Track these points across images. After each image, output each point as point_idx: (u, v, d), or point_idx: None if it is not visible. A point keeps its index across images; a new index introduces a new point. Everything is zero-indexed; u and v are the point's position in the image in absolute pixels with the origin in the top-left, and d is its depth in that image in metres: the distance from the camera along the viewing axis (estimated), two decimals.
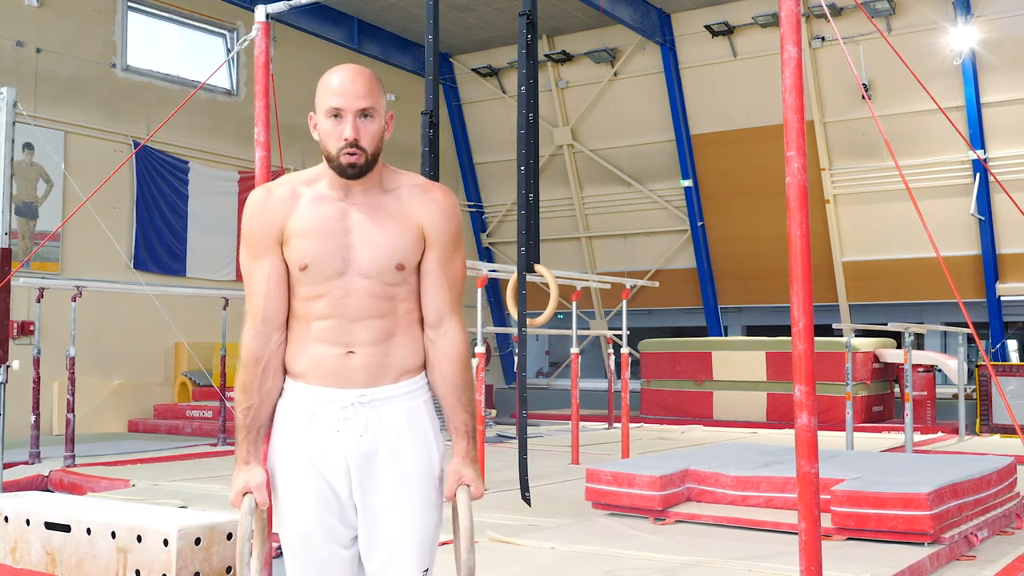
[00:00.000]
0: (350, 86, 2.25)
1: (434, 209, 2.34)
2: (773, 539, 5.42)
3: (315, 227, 2.25)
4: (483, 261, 15.83)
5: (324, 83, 2.29)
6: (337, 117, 2.25)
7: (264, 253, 2.26)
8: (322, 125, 2.27)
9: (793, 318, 2.94)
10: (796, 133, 2.96)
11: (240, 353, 2.27)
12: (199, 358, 12.53)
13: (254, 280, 2.28)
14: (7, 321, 6.36)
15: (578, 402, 9.56)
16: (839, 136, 15.99)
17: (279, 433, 2.32)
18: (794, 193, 2.95)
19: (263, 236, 2.27)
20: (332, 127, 2.25)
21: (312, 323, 2.25)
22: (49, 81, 12.90)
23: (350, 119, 2.24)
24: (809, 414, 2.89)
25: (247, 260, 2.29)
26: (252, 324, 2.27)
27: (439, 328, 2.35)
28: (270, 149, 4.38)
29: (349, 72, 2.27)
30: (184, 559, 4.37)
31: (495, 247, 19.95)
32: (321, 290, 2.24)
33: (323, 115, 2.26)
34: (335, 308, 2.24)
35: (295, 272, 2.25)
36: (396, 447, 2.26)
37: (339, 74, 2.28)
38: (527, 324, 6.26)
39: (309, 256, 2.23)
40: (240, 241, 2.32)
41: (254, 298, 2.28)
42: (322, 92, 2.28)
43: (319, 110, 2.28)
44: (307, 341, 2.25)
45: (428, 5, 4.37)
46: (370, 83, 2.26)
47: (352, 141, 2.23)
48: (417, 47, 18.08)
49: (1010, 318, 15.69)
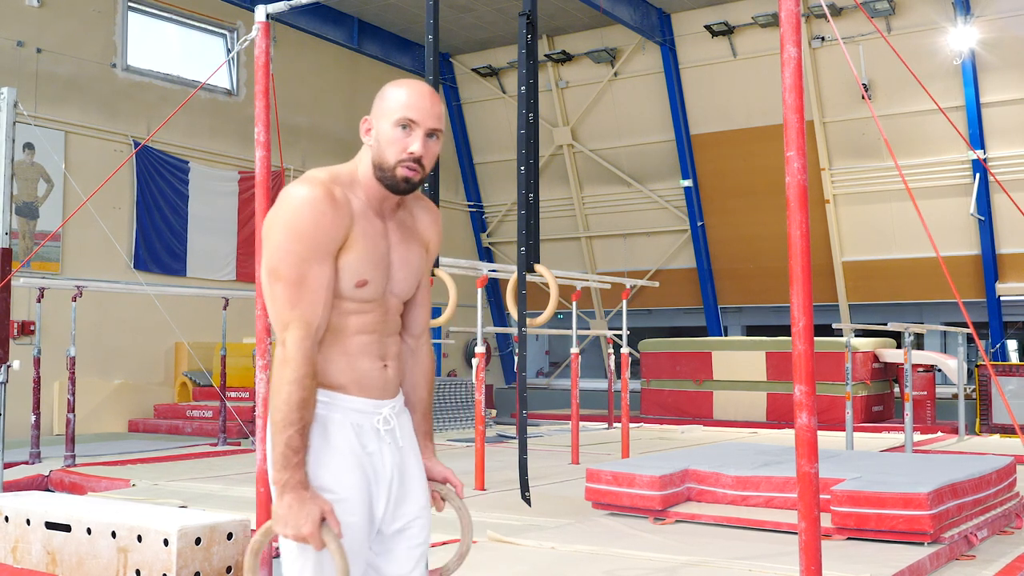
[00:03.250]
0: (428, 104, 2.21)
1: (436, 229, 2.41)
2: (773, 539, 5.42)
3: (372, 243, 2.20)
4: (483, 261, 15.84)
5: (395, 93, 2.22)
6: (406, 129, 2.20)
7: (326, 259, 2.12)
8: (386, 133, 2.20)
9: (793, 318, 2.94)
10: (796, 133, 2.96)
11: (291, 366, 2.07)
12: (199, 358, 12.54)
13: (312, 285, 2.10)
14: (7, 321, 6.36)
15: (578, 402, 9.56)
16: (839, 136, 16.00)
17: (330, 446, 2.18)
18: (794, 193, 2.95)
19: (329, 240, 2.12)
20: (399, 137, 2.19)
21: (352, 336, 2.20)
22: (49, 81, 12.90)
23: (420, 134, 2.20)
24: (809, 414, 2.89)
25: (303, 262, 2.09)
26: (307, 332, 2.10)
27: (420, 338, 2.41)
28: (270, 149, 4.38)
29: (425, 89, 2.23)
30: (184, 559, 4.38)
31: (495, 247, 19.96)
32: (367, 307, 2.21)
33: (390, 123, 2.20)
34: (378, 324, 2.24)
35: (347, 286, 2.16)
36: (415, 453, 2.34)
37: (414, 88, 2.22)
38: (527, 324, 6.27)
39: (368, 272, 2.18)
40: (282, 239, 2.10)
41: (311, 304, 2.10)
42: (392, 101, 2.21)
43: (385, 117, 2.21)
44: (346, 354, 2.20)
45: (428, 5, 4.38)
46: (441, 106, 2.24)
47: (417, 157, 2.20)
48: (417, 47, 18.09)
49: (1010, 318, 15.70)
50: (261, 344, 4.34)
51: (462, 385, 14.01)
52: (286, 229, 2.10)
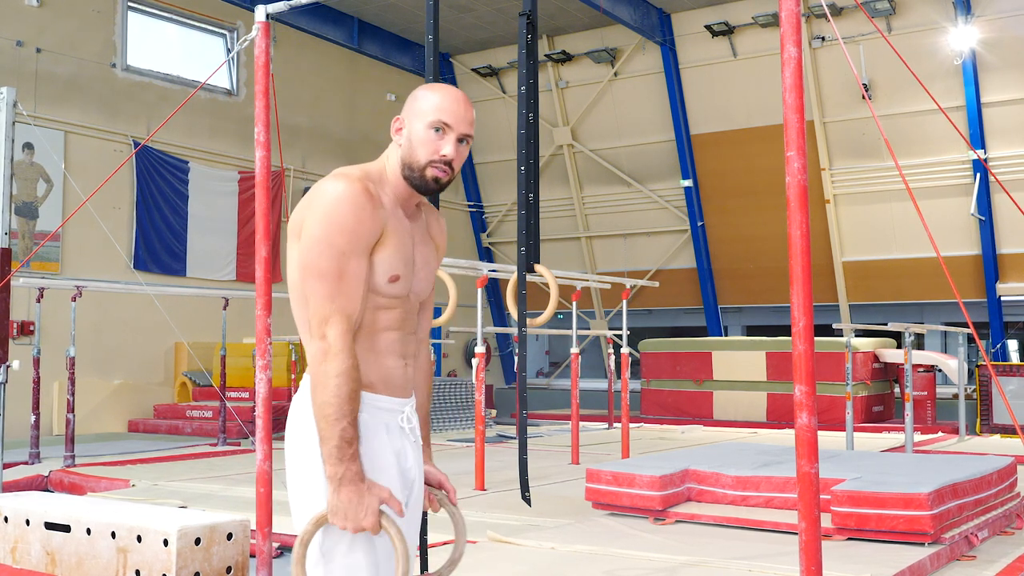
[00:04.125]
0: (462, 109, 2.25)
1: (444, 236, 2.47)
2: (773, 539, 5.42)
3: (402, 241, 2.23)
4: (483, 261, 15.84)
5: (429, 96, 2.25)
6: (439, 131, 2.23)
7: (364, 253, 2.14)
8: (419, 133, 2.23)
9: (793, 318, 2.94)
10: (796, 133, 2.96)
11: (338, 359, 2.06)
12: (199, 358, 12.54)
13: (351, 279, 2.12)
14: (7, 321, 6.36)
15: (578, 402, 9.56)
16: (839, 136, 16.00)
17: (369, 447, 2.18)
18: (794, 193, 2.95)
19: (368, 235, 2.14)
20: (432, 138, 2.22)
21: (380, 333, 2.22)
22: (49, 81, 12.90)
23: (452, 138, 2.24)
24: (809, 414, 2.89)
25: (342, 256, 2.10)
26: (348, 326, 2.11)
27: (423, 343, 2.44)
28: (270, 149, 4.38)
29: (460, 95, 2.26)
30: (184, 559, 4.37)
31: (495, 247, 19.95)
32: (395, 303, 2.23)
33: (424, 124, 2.22)
34: (402, 322, 2.27)
35: (380, 280, 2.19)
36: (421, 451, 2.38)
37: (449, 93, 2.26)
38: (527, 324, 6.26)
39: (400, 268, 2.21)
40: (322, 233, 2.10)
41: (350, 298, 2.12)
42: (426, 103, 2.24)
43: (418, 118, 2.23)
44: (374, 351, 2.22)
45: (428, 5, 4.37)
46: (473, 112, 2.29)
47: (449, 160, 2.24)
48: (417, 47, 18.09)
49: (1010, 318, 15.70)
50: (261, 344, 4.33)
51: (462, 385, 14.00)
52: (326, 223, 2.11)
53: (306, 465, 2.17)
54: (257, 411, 4.34)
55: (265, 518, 4.25)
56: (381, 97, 17.92)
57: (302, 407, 2.21)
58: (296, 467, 2.20)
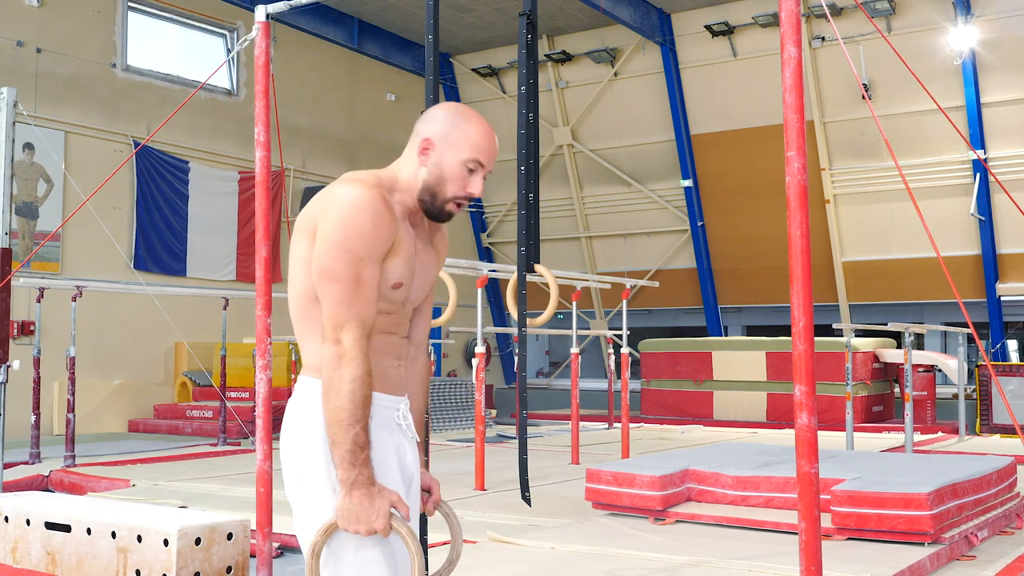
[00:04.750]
0: (494, 148, 2.26)
1: (446, 244, 2.48)
2: (773, 539, 5.42)
3: (408, 249, 2.24)
4: (483, 261, 15.84)
5: (468, 129, 2.24)
6: (472, 171, 2.24)
7: (378, 260, 2.15)
8: (453, 168, 2.22)
9: (793, 318, 2.94)
10: (796, 133, 2.96)
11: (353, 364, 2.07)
12: (199, 358, 12.54)
13: (367, 283, 2.12)
14: (7, 321, 6.36)
15: (578, 402, 9.56)
16: (839, 136, 16.00)
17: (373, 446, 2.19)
18: (794, 193, 2.95)
19: (383, 242, 2.15)
20: (463, 175, 2.23)
21: (376, 336, 2.23)
22: (49, 81, 12.90)
23: (481, 178, 2.25)
24: (809, 414, 2.89)
25: (359, 262, 2.10)
26: (363, 332, 2.11)
27: (421, 347, 2.45)
28: (270, 149, 4.38)
29: (492, 130, 2.27)
30: (184, 559, 4.37)
31: (495, 247, 19.96)
32: (393, 308, 2.25)
33: (459, 160, 2.22)
34: (398, 326, 2.29)
35: (385, 287, 2.20)
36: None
37: (485, 129, 2.26)
38: (527, 324, 6.27)
39: (404, 276, 2.22)
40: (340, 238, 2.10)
41: (365, 302, 2.12)
42: (466, 137, 2.24)
43: (454, 151, 2.23)
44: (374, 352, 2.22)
45: (428, 5, 4.37)
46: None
47: (473, 198, 2.26)
48: (417, 47, 18.09)
49: (1010, 318, 15.70)
50: (261, 344, 4.33)
51: (462, 385, 14.00)
52: (344, 228, 2.10)
53: (308, 468, 2.16)
54: (257, 411, 4.34)
55: (265, 518, 4.25)
56: (381, 97, 17.93)
57: (301, 409, 2.20)
58: (298, 470, 2.19)
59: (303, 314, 2.22)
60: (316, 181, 16.37)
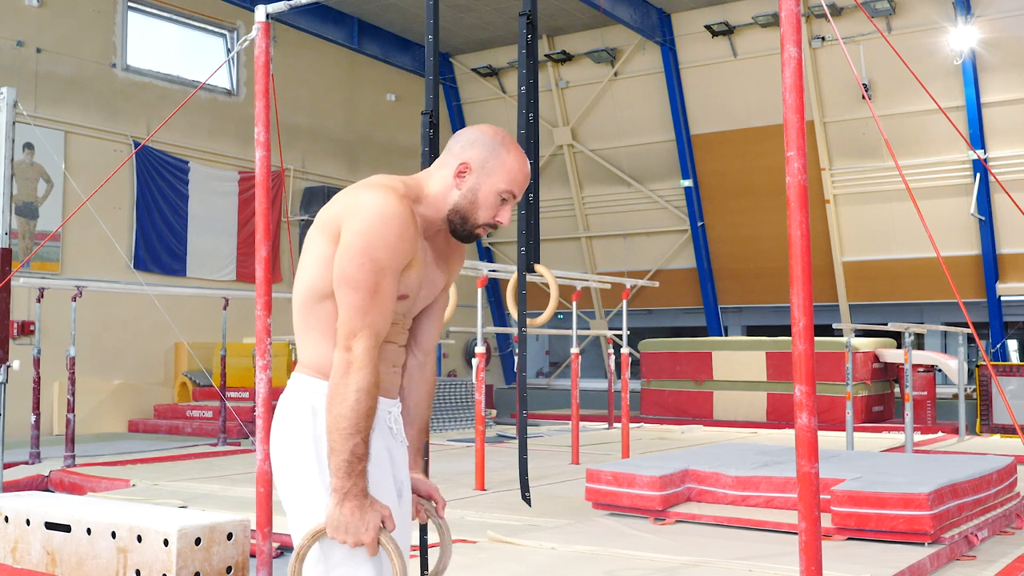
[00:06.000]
0: (528, 179, 2.28)
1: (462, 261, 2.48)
2: (773, 539, 5.42)
3: (421, 262, 2.23)
4: (483, 261, 15.83)
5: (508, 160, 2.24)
6: (504, 200, 2.25)
7: (398, 271, 2.13)
8: (488, 197, 2.24)
9: (793, 318, 2.94)
10: (796, 133, 2.96)
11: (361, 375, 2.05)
12: (199, 358, 12.53)
13: (386, 295, 2.09)
14: (7, 321, 6.36)
15: (578, 402, 9.55)
16: (839, 136, 15.99)
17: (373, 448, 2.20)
18: (794, 193, 2.95)
19: (406, 254, 2.13)
20: (496, 204, 2.24)
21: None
22: (49, 81, 12.90)
23: (510, 208, 2.27)
24: (809, 414, 2.89)
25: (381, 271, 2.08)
26: (376, 342, 2.08)
27: (430, 355, 2.45)
28: (270, 149, 4.38)
29: (527, 163, 2.27)
30: (184, 559, 4.37)
31: (495, 247, 19.95)
32: (397, 319, 2.24)
33: (495, 190, 2.23)
34: (399, 335, 2.28)
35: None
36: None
37: (523, 160, 2.26)
38: (527, 324, 6.26)
39: (412, 289, 2.21)
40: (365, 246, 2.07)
41: (382, 314, 2.09)
42: (504, 167, 2.24)
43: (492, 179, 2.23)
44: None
45: (428, 5, 4.37)
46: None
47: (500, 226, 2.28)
48: (417, 47, 18.09)
49: (1010, 318, 15.69)
50: (261, 344, 4.33)
51: (462, 385, 14.00)
52: (371, 236, 2.07)
53: (299, 466, 2.15)
54: (257, 411, 4.34)
55: (265, 518, 4.25)
56: (381, 97, 17.93)
57: (293, 405, 2.19)
58: (288, 468, 2.17)
59: (306, 309, 2.19)
60: (316, 181, 16.38)
